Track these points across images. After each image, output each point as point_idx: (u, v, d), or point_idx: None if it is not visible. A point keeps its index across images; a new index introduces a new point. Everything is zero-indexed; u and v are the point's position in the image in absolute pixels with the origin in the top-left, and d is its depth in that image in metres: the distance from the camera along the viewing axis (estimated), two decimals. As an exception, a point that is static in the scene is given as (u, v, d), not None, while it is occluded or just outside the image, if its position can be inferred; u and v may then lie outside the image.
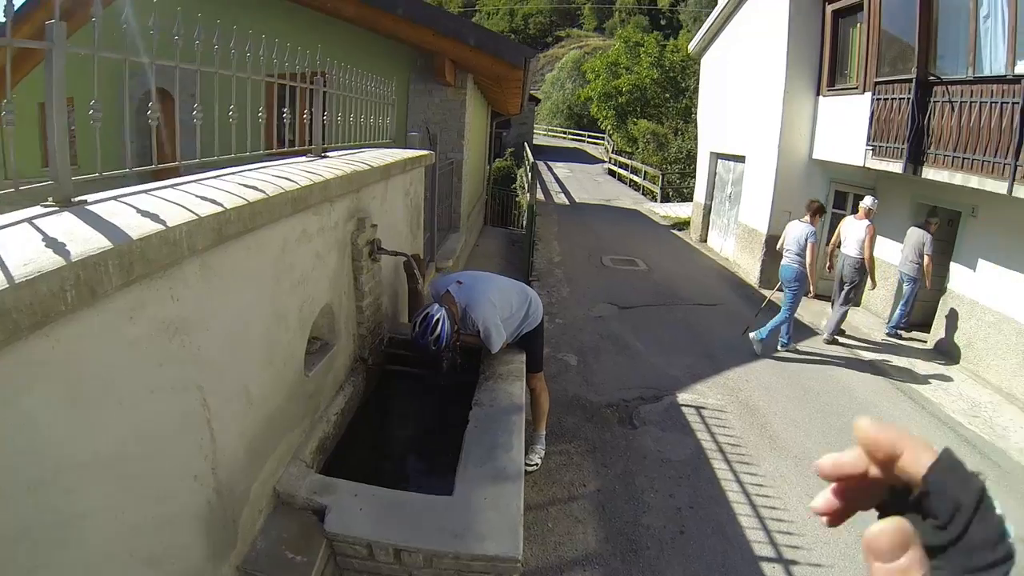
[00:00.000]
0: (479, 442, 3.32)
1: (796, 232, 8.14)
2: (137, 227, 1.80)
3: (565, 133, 49.11)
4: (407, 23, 8.61)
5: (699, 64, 18.61)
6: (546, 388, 5.22)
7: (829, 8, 11.01)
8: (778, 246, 8.69)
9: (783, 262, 8.31)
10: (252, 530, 2.73)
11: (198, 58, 2.55)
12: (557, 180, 29.44)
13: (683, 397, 6.67)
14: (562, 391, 6.56)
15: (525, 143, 33.03)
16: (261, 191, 2.50)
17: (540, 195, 23.21)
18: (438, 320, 3.97)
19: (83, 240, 1.62)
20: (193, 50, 2.52)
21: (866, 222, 8.56)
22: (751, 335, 8.26)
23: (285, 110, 3.60)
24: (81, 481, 1.67)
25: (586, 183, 29.13)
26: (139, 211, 1.96)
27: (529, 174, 20.09)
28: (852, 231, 8.67)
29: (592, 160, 38.00)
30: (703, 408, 6.42)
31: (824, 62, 11.23)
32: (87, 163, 2.22)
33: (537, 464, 5.07)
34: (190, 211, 2.05)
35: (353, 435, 3.81)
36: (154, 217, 1.91)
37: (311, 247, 3.19)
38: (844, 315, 9.09)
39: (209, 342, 2.28)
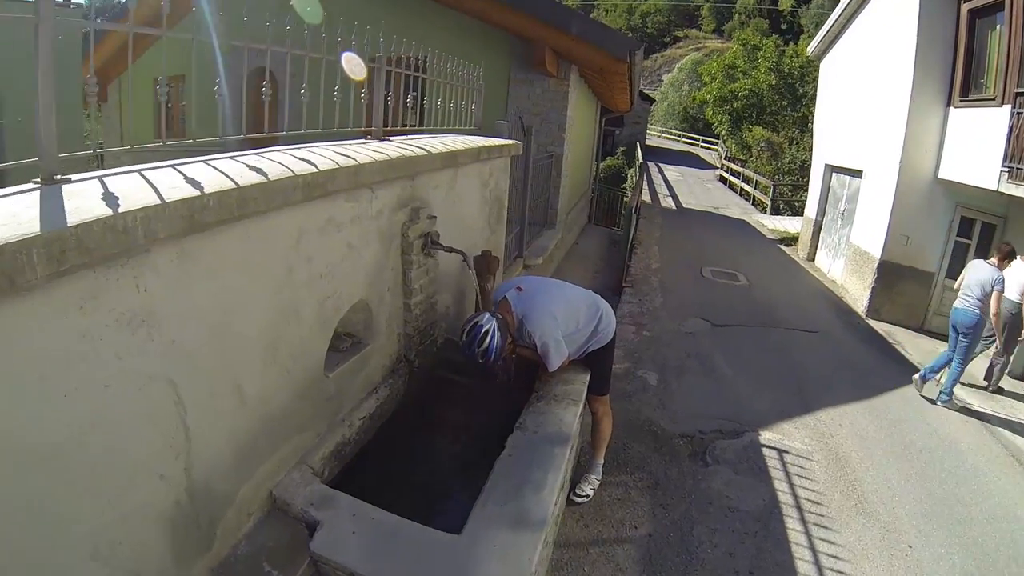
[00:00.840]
0: (509, 475, 2.91)
1: (981, 275, 7.17)
2: (87, 211, 1.63)
3: (679, 136, 47.93)
4: (506, 9, 8.30)
5: (818, 69, 17.47)
6: (610, 413, 4.68)
7: (965, 7, 9.73)
8: (956, 285, 7.72)
9: (959, 305, 7.33)
10: (236, 534, 2.53)
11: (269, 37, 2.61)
12: (667, 183, 28.59)
13: (766, 436, 5.98)
14: (635, 413, 6.04)
15: (637, 143, 32.46)
16: (262, 174, 2.21)
17: (647, 197, 22.60)
18: (487, 331, 3.54)
19: (17, 224, 1.50)
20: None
21: None
22: (939, 403, 7.39)
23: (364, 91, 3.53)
24: (8, 468, 1.59)
25: (695, 188, 28.12)
26: (105, 193, 1.77)
27: (637, 175, 19.53)
28: (1015, 274, 7.46)
29: (704, 165, 36.81)
30: (786, 452, 5.73)
31: (957, 68, 9.92)
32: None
33: (588, 496, 4.59)
34: (159, 195, 1.83)
35: (382, 442, 3.51)
36: (112, 201, 1.71)
37: (341, 237, 2.88)
38: (1007, 364, 7.99)
39: (187, 336, 2.08)
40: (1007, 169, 8.33)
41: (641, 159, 24.18)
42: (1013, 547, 4.77)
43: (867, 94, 12.46)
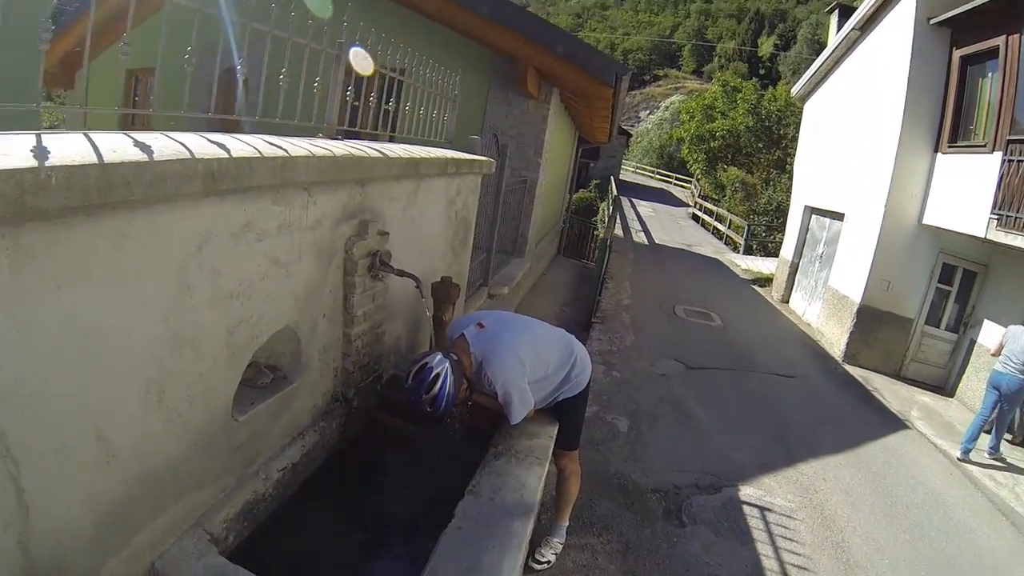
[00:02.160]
0: (456, 555, 2.31)
1: None
2: None
3: (653, 173, 48.05)
4: (490, 24, 7.82)
5: (800, 111, 17.37)
6: (578, 471, 4.07)
7: (957, 53, 9.67)
8: (993, 351, 7.51)
9: (1004, 370, 7.04)
10: (103, 617, 1.90)
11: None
12: (639, 218, 28.35)
13: (746, 492, 5.46)
14: (603, 464, 5.47)
15: (611, 176, 32.38)
16: (146, 151, 1.63)
17: (619, 231, 22.25)
18: (438, 375, 2.98)
19: None
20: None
21: None
22: (973, 452, 7.32)
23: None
24: None
25: (668, 225, 27.93)
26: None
27: (611, 207, 19.18)
28: None
29: (677, 203, 36.81)
30: (769, 510, 5.22)
31: (946, 115, 9.85)
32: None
33: (550, 562, 3.99)
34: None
35: (307, 498, 2.90)
36: None
37: (263, 248, 2.30)
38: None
39: (21, 367, 1.49)
40: (996, 216, 8.11)
41: (615, 193, 23.92)
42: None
43: (853, 137, 12.28)
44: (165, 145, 1.75)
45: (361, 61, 3.00)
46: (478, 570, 2.24)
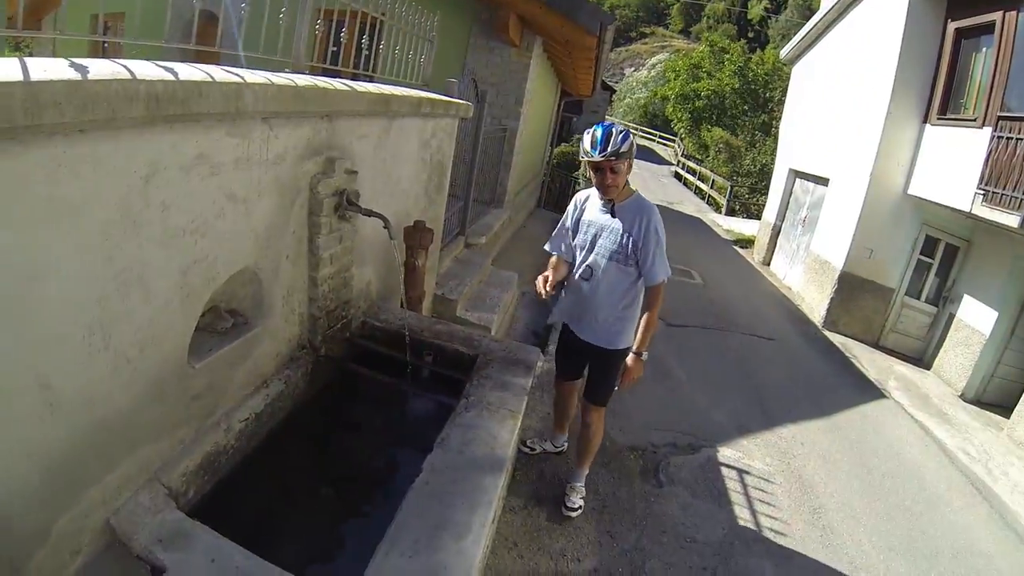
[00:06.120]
0: (422, 513, 2.19)
1: None
2: None
3: (636, 130, 47.57)
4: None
5: (787, 76, 17.22)
6: (602, 431, 4.09)
7: (952, 26, 9.38)
8: None
9: None
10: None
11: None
12: (621, 174, 28.08)
13: (725, 453, 5.41)
14: (579, 420, 5.35)
15: (595, 132, 32.11)
16: (80, 70, 1.48)
17: (600, 187, 21.96)
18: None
19: None
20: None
21: None
22: None
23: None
24: None
25: (651, 182, 27.73)
26: None
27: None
28: None
29: (660, 161, 36.44)
30: (747, 472, 5.17)
31: (937, 86, 9.60)
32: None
33: (580, 507, 4.04)
34: None
35: (271, 450, 2.78)
36: None
37: (217, 183, 2.14)
38: None
39: None
40: (982, 192, 7.97)
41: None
42: (979, 584, 4.36)
43: (841, 102, 12.11)
44: (105, 67, 1.59)
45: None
46: (448, 525, 2.13)
